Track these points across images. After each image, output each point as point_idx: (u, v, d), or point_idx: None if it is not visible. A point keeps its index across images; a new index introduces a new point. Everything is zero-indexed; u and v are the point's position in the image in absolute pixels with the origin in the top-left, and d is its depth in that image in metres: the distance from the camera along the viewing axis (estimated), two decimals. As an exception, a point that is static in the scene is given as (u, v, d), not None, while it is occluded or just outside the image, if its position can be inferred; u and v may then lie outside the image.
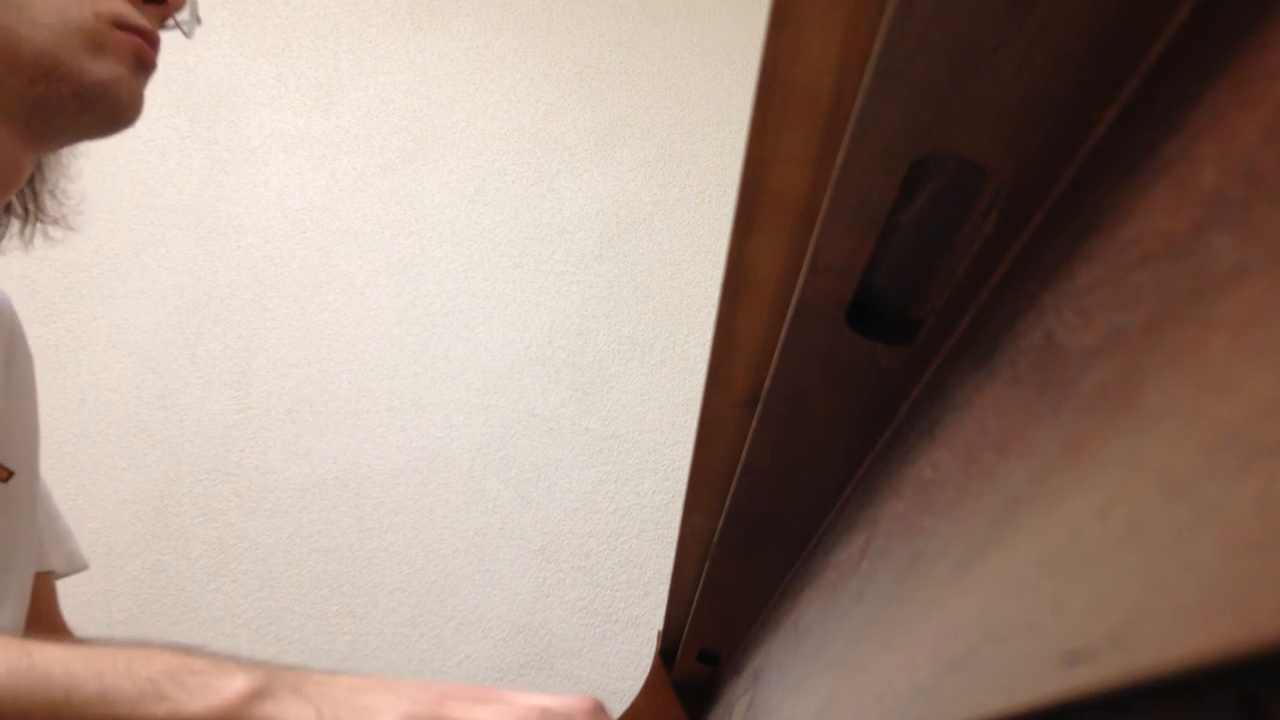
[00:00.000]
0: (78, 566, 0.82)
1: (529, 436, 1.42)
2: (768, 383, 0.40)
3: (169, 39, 0.65)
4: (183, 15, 0.67)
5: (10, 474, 0.68)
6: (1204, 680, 0.16)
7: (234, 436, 1.38)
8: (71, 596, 0.82)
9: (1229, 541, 0.14)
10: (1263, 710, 0.16)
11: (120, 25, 0.60)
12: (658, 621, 1.21)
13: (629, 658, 1.33)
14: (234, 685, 0.41)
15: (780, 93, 0.28)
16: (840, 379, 0.37)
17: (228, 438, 1.38)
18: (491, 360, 1.45)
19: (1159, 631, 0.15)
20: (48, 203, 0.72)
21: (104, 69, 0.59)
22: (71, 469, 1.34)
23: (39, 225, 0.71)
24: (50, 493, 0.79)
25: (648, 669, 1.03)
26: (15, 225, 0.70)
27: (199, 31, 0.71)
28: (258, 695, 0.41)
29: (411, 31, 1.58)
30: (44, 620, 0.77)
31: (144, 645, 0.43)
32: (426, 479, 1.39)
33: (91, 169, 1.47)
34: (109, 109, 0.61)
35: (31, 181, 0.69)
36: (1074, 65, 0.22)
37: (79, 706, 0.39)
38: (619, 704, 1.03)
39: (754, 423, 0.43)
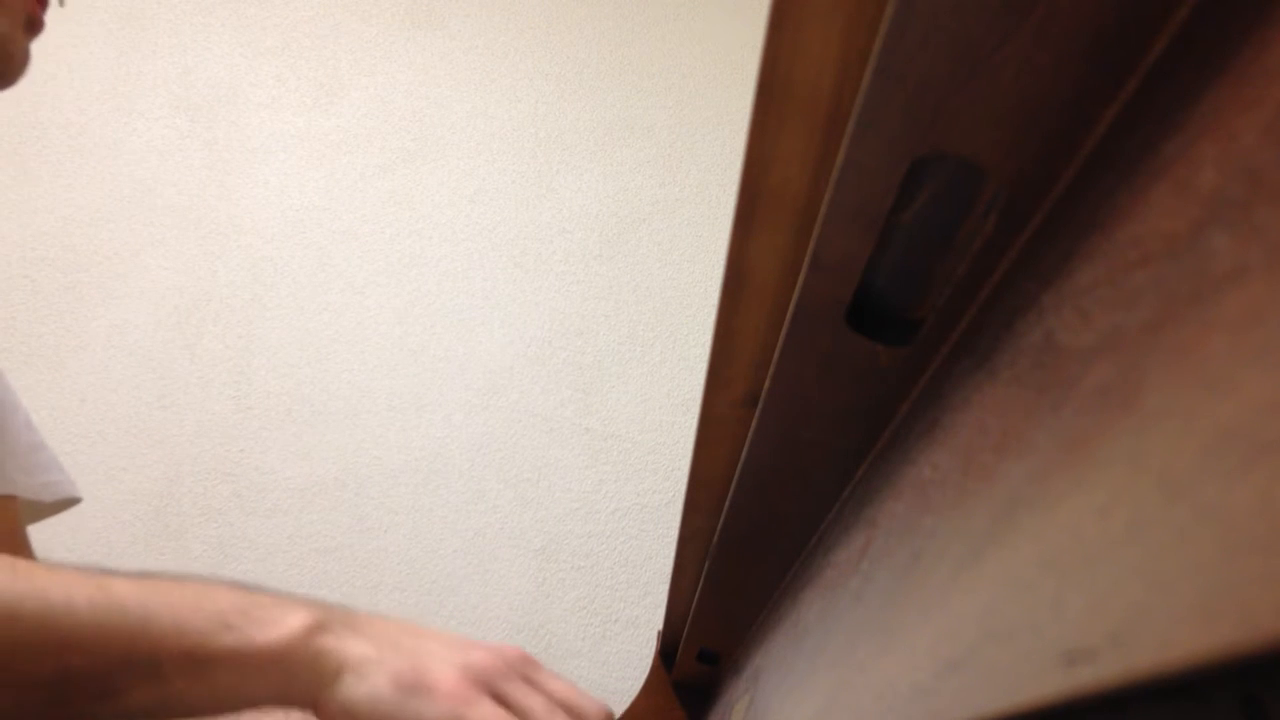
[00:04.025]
0: (61, 495, 0.76)
1: (529, 436, 1.42)
2: (768, 383, 0.40)
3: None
4: None
5: None
6: (1204, 680, 0.16)
7: (234, 436, 1.38)
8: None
9: (1229, 541, 0.14)
10: (1263, 710, 0.16)
11: None
12: (658, 621, 1.21)
13: (629, 658, 1.33)
14: (295, 618, 0.44)
15: (780, 93, 0.28)
16: (840, 379, 0.37)
17: (228, 438, 1.38)
18: (491, 360, 1.45)
19: (1159, 631, 0.15)
20: None
21: None
22: (71, 469, 1.34)
23: None
24: (32, 424, 0.74)
25: (648, 669, 1.03)
26: None
27: (200, 31, 0.71)
28: (317, 629, 0.44)
29: (411, 31, 1.58)
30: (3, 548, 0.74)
31: (206, 582, 0.46)
32: (426, 479, 1.39)
33: (91, 169, 1.47)
34: None
35: None
36: (1074, 65, 0.22)
37: (155, 637, 0.41)
38: (619, 704, 1.03)
39: (754, 423, 0.43)
